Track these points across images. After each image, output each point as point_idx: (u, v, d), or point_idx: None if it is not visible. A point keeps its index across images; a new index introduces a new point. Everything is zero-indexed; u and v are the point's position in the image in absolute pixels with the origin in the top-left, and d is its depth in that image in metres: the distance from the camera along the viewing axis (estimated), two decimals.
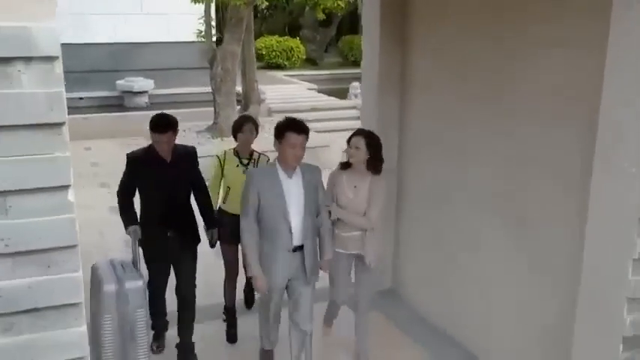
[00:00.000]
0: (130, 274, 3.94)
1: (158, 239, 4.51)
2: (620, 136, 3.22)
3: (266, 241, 4.09)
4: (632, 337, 3.36)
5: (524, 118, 4.17)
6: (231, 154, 5.05)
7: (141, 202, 4.60)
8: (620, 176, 3.22)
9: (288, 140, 3.91)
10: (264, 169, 4.38)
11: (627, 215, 3.19)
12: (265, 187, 4.01)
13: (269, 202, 4.01)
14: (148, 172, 4.44)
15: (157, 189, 4.47)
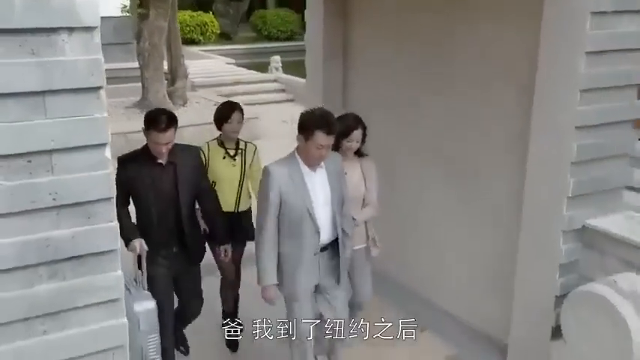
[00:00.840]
0: (137, 294, 3.56)
1: (160, 256, 3.94)
2: (555, 97, 3.76)
3: (288, 244, 3.65)
4: (567, 264, 3.96)
5: (466, 81, 4.66)
6: (216, 146, 4.53)
7: (137, 214, 3.97)
8: (556, 128, 3.77)
9: (316, 140, 3.46)
10: (284, 163, 3.65)
11: (562, 160, 3.76)
12: (287, 184, 3.56)
13: (292, 200, 3.57)
14: (144, 178, 3.84)
15: (155, 198, 3.87)
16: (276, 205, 3.57)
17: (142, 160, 3.86)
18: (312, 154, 3.52)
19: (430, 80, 5.00)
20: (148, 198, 3.86)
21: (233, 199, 4.55)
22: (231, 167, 4.48)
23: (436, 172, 5.08)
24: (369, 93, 5.75)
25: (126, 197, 3.91)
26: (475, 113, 4.61)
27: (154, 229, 3.90)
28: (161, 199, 3.88)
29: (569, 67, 3.64)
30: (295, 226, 3.60)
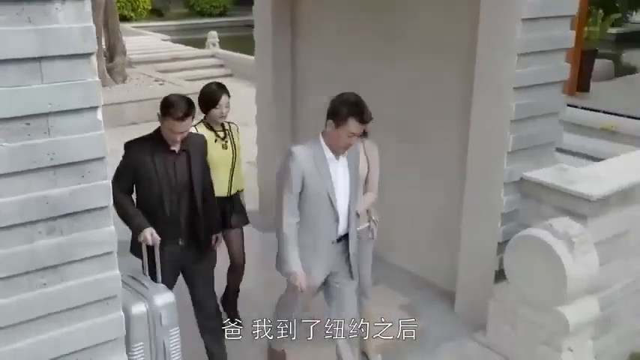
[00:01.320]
0: (154, 287, 3.45)
1: (166, 250, 3.68)
2: (495, 61, 4.14)
3: (304, 231, 3.59)
4: (508, 213, 4.38)
5: (412, 50, 4.99)
6: (205, 129, 4.30)
7: (141, 204, 3.73)
8: (496, 89, 4.15)
9: (348, 128, 3.44)
10: (309, 146, 3.56)
11: (502, 119, 4.15)
12: (311, 169, 3.50)
13: (314, 186, 3.51)
14: (156, 165, 3.64)
15: (168, 186, 3.67)
16: (298, 189, 3.49)
17: (154, 146, 3.65)
18: (341, 141, 3.48)
19: (378, 51, 5.30)
20: (160, 186, 3.65)
21: (227, 183, 4.44)
22: (223, 150, 4.35)
23: (386, 137, 5.40)
24: (319, 65, 6.01)
25: (129, 184, 3.69)
26: (421, 81, 4.95)
27: (162, 219, 3.68)
28: (174, 188, 3.68)
29: (507, 33, 4.01)
30: (314, 212, 3.54)
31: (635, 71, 13.24)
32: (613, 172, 4.47)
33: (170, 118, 3.54)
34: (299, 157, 3.47)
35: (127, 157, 3.67)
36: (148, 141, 3.69)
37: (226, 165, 4.41)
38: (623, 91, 10.22)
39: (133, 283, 3.45)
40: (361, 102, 3.50)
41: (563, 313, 3.97)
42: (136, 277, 3.51)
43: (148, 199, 3.70)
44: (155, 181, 3.65)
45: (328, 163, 3.53)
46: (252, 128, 9.96)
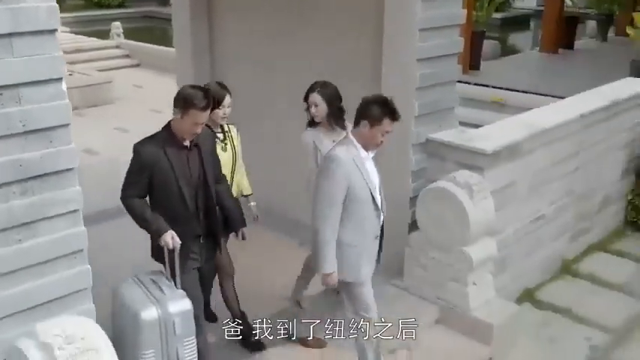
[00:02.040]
0: (171, 293, 3.35)
1: (190, 249, 3.69)
2: (399, 36, 4.70)
3: (351, 231, 3.66)
4: (417, 171, 4.97)
5: (325, 28, 5.47)
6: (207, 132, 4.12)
7: (159, 204, 3.63)
8: (402, 61, 4.72)
9: (383, 127, 3.59)
10: (346, 147, 3.65)
11: (408, 87, 4.73)
12: (354, 170, 3.60)
13: (358, 185, 3.61)
14: (171, 163, 3.55)
15: (185, 183, 3.60)
16: (344, 192, 3.56)
17: (165, 144, 3.56)
18: (376, 139, 3.61)
19: (293, 32, 5.75)
20: (178, 183, 3.58)
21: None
22: (223, 152, 4.24)
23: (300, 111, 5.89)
24: (236, 47, 6.39)
25: (143, 188, 3.58)
26: (334, 56, 5.45)
27: (184, 216, 3.64)
28: (191, 183, 3.63)
29: (409, 11, 4.59)
30: (360, 211, 3.63)
31: (519, 51, 14.44)
32: (502, 132, 5.16)
33: (194, 109, 3.46)
34: (342, 161, 3.56)
35: (139, 159, 3.54)
36: (158, 139, 3.58)
37: (226, 168, 4.24)
38: (509, 68, 11.24)
39: (150, 286, 3.37)
40: (391, 101, 3.64)
41: (467, 252, 4.62)
42: (157, 281, 3.42)
43: (167, 199, 3.60)
44: (173, 179, 3.56)
45: (364, 161, 3.64)
46: (165, 115, 10.18)
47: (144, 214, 3.55)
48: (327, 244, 3.61)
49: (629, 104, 6.35)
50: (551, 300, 5.57)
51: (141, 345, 3.16)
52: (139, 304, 3.24)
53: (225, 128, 4.33)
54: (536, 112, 5.75)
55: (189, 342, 3.31)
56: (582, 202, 6.14)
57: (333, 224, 3.59)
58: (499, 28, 18.28)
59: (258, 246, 5.12)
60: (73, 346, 2.69)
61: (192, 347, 3.33)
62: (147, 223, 3.55)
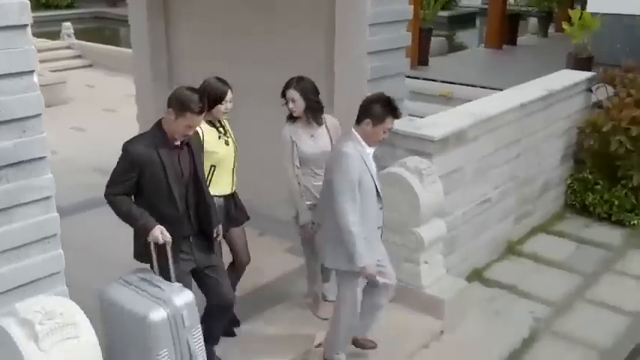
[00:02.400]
0: (171, 288, 3.36)
1: (181, 249, 3.70)
2: (351, 31, 4.98)
3: (360, 224, 3.84)
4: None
5: (281, 23, 5.70)
6: (207, 127, 4.22)
7: (148, 205, 3.60)
8: (353, 54, 5.00)
9: (386, 125, 3.84)
10: (353, 144, 3.87)
11: (360, 78, 5.00)
12: (361, 165, 3.84)
13: (365, 179, 3.85)
14: (163, 162, 3.55)
15: (176, 182, 3.60)
16: (357, 187, 3.78)
17: (157, 143, 3.56)
18: (379, 136, 3.86)
19: (249, 28, 5.97)
20: (169, 182, 3.58)
21: (231, 180, 4.42)
22: (226, 146, 4.32)
23: (259, 104, 6.10)
24: (193, 44, 6.56)
25: (130, 186, 3.56)
26: (289, 49, 5.69)
27: (174, 216, 3.64)
28: (181, 183, 3.64)
29: (359, 7, 4.86)
30: (365, 203, 3.84)
31: (466, 47, 14.95)
32: (448, 120, 5.49)
33: (190, 112, 3.49)
34: (353, 157, 3.77)
35: (128, 157, 3.53)
36: (150, 138, 3.59)
37: (230, 162, 4.35)
38: (456, 63, 11.67)
39: (146, 286, 3.34)
40: (392, 100, 3.90)
41: (419, 233, 4.92)
42: (148, 279, 3.39)
43: (156, 199, 3.59)
44: (163, 179, 3.56)
45: (369, 158, 3.89)
46: (119, 114, 10.28)
47: (130, 210, 3.53)
48: (358, 238, 3.78)
49: (564, 94, 6.79)
50: (498, 278, 5.95)
51: (153, 347, 3.17)
52: (142, 307, 3.20)
53: (222, 123, 4.37)
54: (480, 101, 6.12)
55: (196, 331, 3.36)
56: (525, 186, 6.54)
57: (356, 217, 3.78)
58: (446, 25, 18.84)
59: None
60: (53, 321, 2.86)
61: (200, 335, 3.38)
62: (133, 219, 3.54)
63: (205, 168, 4.05)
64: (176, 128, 3.55)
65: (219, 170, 4.25)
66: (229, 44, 6.17)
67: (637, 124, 6.61)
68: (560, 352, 4.96)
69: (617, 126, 6.69)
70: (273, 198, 6.08)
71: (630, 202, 6.86)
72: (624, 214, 6.86)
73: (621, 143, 6.67)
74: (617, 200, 6.87)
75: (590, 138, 6.94)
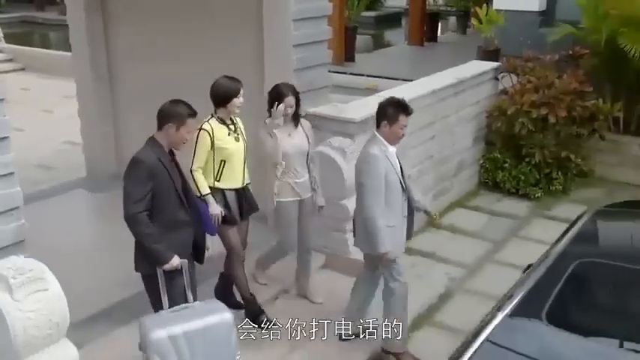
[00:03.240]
0: (207, 307, 3.79)
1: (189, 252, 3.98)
2: (277, 26, 5.53)
3: (389, 215, 4.28)
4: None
5: (212, 21, 6.20)
6: (218, 124, 4.52)
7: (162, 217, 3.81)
8: (280, 46, 5.57)
9: (401, 122, 4.26)
10: (377, 145, 4.34)
11: (287, 69, 5.57)
12: (386, 163, 4.27)
13: (390, 175, 4.28)
14: (168, 172, 3.82)
15: (176, 192, 3.86)
16: (383, 182, 4.22)
17: (159, 155, 3.80)
18: (397, 134, 4.30)
19: (184, 24, 6.44)
20: (177, 191, 3.86)
21: (241, 174, 4.67)
22: (236, 142, 4.56)
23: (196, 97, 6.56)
24: (130, 43, 6.97)
25: (149, 200, 3.74)
26: (223, 44, 6.20)
27: (184, 222, 3.91)
28: (180, 190, 3.91)
29: (284, 5, 5.43)
30: (392, 196, 4.28)
31: (391, 45, 15.75)
32: (368, 105, 6.09)
33: (190, 119, 3.84)
34: (379, 156, 4.23)
35: (145, 167, 3.73)
36: (151, 150, 3.82)
37: (240, 157, 4.61)
38: (381, 59, 12.44)
39: (182, 315, 3.67)
40: (402, 100, 4.37)
41: (345, 205, 5.53)
42: (179, 310, 3.71)
43: (171, 206, 3.83)
44: (172, 186, 3.82)
45: (392, 154, 4.35)
46: (57, 114, 10.53)
47: (152, 234, 3.72)
48: (381, 229, 4.24)
49: (473, 82, 7.55)
50: (419, 247, 6.60)
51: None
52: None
53: (233, 120, 4.61)
54: (397, 89, 6.77)
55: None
56: (441, 165, 7.25)
57: (380, 212, 4.23)
58: (373, 25, 19.64)
59: None
60: (24, 276, 3.28)
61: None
62: (154, 247, 3.74)
63: (216, 162, 4.47)
64: (179, 138, 3.86)
65: (229, 165, 4.54)
66: (167, 43, 6.60)
67: (537, 107, 7.42)
68: (471, 305, 5.64)
69: (519, 109, 7.50)
70: None
71: (534, 177, 7.68)
72: (529, 188, 7.66)
73: (524, 125, 7.48)
74: (523, 176, 7.68)
75: (498, 121, 7.72)
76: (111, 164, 7.41)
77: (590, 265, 3.08)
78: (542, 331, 2.59)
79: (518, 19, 9.11)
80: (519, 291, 2.84)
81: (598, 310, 2.91)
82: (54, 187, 7.21)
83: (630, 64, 7.49)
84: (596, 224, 3.64)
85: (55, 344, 3.47)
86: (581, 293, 2.86)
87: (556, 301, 2.71)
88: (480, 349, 2.59)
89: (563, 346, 2.52)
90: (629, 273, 3.01)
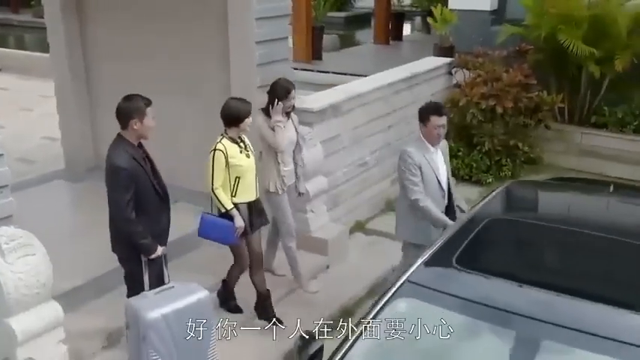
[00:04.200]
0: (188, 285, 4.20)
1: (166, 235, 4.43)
2: (241, 24, 6.04)
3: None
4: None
5: (184, 24, 6.69)
6: (230, 143, 4.85)
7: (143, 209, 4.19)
8: (245, 43, 6.07)
9: (433, 123, 4.56)
10: (415, 145, 4.71)
11: (252, 63, 6.06)
12: (422, 160, 4.59)
13: (426, 173, 4.60)
14: (142, 166, 4.19)
15: (152, 178, 4.27)
16: (419, 173, 4.57)
17: (129, 153, 4.13)
18: (433, 133, 4.59)
19: (154, 23, 6.89)
20: (152, 182, 4.21)
21: (254, 187, 5.01)
22: (248, 159, 4.90)
23: (168, 94, 7.04)
24: (105, 42, 7.41)
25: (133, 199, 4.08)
26: (192, 43, 6.68)
27: (162, 207, 4.34)
28: (154, 184, 4.24)
29: (247, 4, 5.94)
30: (428, 190, 4.60)
31: (360, 44, 16.32)
32: (326, 96, 6.69)
33: (148, 107, 4.23)
34: (413, 155, 4.61)
35: (125, 172, 4.05)
36: (122, 150, 4.14)
37: (252, 171, 4.96)
38: (347, 57, 12.99)
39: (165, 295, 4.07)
40: (434, 103, 4.90)
41: (305, 187, 6.06)
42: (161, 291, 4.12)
43: (146, 194, 4.19)
44: (146, 176, 4.18)
45: (431, 154, 4.67)
46: (36, 112, 10.94)
47: (143, 231, 4.15)
48: (430, 209, 4.54)
49: (427, 76, 8.15)
50: (377, 228, 7.16)
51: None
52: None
53: (242, 138, 4.96)
54: (355, 83, 7.36)
55: None
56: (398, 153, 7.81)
57: (422, 196, 4.56)
58: (343, 25, 20.24)
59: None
60: (15, 242, 3.77)
61: None
62: (143, 242, 4.16)
63: (231, 179, 4.81)
64: (146, 128, 4.20)
65: (243, 180, 4.87)
66: (140, 43, 7.03)
67: (485, 98, 8.04)
68: None
69: (470, 101, 8.11)
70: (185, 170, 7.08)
71: (485, 164, 8.29)
72: (481, 174, 8.26)
73: (474, 115, 8.10)
74: (474, 163, 8.28)
75: (451, 112, 8.31)
76: (88, 157, 7.83)
77: (497, 221, 3.64)
78: (451, 272, 3.15)
79: (471, 18, 9.73)
80: (437, 243, 3.40)
81: (501, 256, 3.47)
82: (35, 178, 7.61)
83: (570, 59, 8.14)
84: (509, 191, 4.23)
85: (42, 304, 3.96)
86: (487, 243, 3.42)
87: (465, 249, 3.26)
88: (401, 286, 3.14)
89: (467, 282, 3.07)
90: (531, 227, 3.59)
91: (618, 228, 3.45)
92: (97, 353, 4.69)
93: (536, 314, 2.76)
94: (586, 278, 3.12)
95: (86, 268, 5.45)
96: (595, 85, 8.49)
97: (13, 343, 3.81)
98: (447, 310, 2.96)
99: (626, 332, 2.59)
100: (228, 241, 4.90)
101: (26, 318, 3.85)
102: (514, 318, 2.81)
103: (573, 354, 2.67)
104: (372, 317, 3.08)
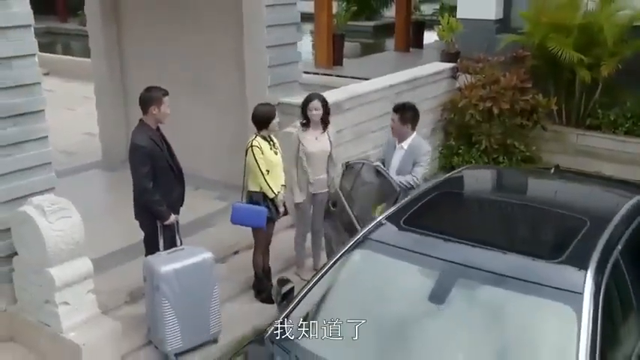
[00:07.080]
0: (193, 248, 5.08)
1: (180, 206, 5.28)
2: (254, 31, 6.88)
3: None
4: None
5: (202, 27, 7.58)
6: (262, 141, 5.55)
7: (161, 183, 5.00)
8: (257, 48, 6.91)
9: (390, 117, 5.80)
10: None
11: (263, 65, 6.90)
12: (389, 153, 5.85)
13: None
14: (159, 146, 4.97)
15: (168, 156, 5.11)
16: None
17: (148, 134, 4.93)
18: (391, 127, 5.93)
19: (181, 31, 7.82)
20: (168, 160, 5.03)
21: (281, 180, 5.71)
22: (276, 155, 5.63)
23: (191, 91, 7.94)
24: (138, 47, 8.36)
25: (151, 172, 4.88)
26: (212, 47, 7.56)
27: (177, 181, 5.19)
28: (168, 161, 5.05)
29: (259, 15, 6.78)
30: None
31: (380, 51, 17.05)
32: (331, 96, 7.35)
33: (165, 97, 5.00)
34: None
35: (144, 150, 4.86)
36: (141, 132, 4.95)
37: (280, 166, 5.66)
38: (367, 63, 13.76)
39: (178, 254, 4.94)
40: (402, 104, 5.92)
41: None
42: (173, 251, 4.98)
43: (162, 171, 5.01)
44: (164, 158, 5.01)
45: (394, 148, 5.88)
46: (78, 111, 12.00)
47: (160, 203, 4.97)
48: None
49: (430, 79, 8.86)
50: None
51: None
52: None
53: (271, 137, 5.68)
54: (358, 84, 8.11)
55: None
56: None
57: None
58: (371, 34, 21.05)
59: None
60: (55, 205, 4.64)
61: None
62: (160, 209, 4.98)
63: (263, 169, 5.47)
64: (163, 114, 5.01)
65: (272, 173, 5.56)
66: (168, 48, 7.96)
67: (483, 100, 8.71)
68: None
69: (469, 102, 8.79)
70: (205, 161, 7.96)
71: (483, 161, 8.93)
72: None
73: (472, 116, 8.77)
74: (473, 160, 8.93)
75: (451, 112, 9.01)
76: (122, 149, 8.68)
77: (444, 194, 4.39)
78: (397, 230, 3.91)
79: (478, 26, 10.42)
80: (392, 209, 4.16)
81: (439, 219, 4.21)
82: (75, 167, 8.63)
83: (562, 64, 8.75)
84: (463, 173, 4.98)
85: (76, 258, 4.82)
86: (431, 210, 4.16)
87: (412, 213, 4.02)
88: (360, 241, 3.91)
89: (408, 237, 3.83)
90: (468, 198, 4.34)
91: (539, 199, 4.17)
92: (121, 307, 5.54)
93: (455, 259, 3.51)
94: (500, 235, 3.87)
95: (113, 239, 6.34)
96: (589, 89, 9.08)
97: (52, 288, 4.68)
98: (392, 257, 3.73)
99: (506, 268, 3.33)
100: (259, 225, 5.55)
101: (63, 268, 4.71)
102: (439, 262, 3.56)
103: (479, 288, 3.42)
104: (332, 263, 3.85)
